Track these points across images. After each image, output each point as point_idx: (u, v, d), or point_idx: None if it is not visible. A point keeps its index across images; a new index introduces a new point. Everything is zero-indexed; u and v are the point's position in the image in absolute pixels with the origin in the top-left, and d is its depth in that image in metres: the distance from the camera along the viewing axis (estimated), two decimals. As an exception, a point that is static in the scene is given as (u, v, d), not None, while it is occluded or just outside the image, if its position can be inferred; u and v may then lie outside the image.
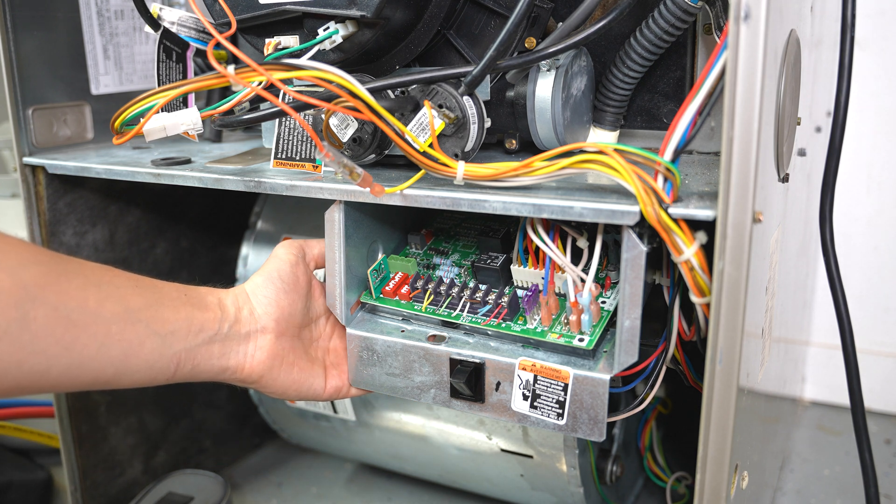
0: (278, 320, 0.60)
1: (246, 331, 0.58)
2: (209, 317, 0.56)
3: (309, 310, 0.64)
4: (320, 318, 0.66)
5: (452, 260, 0.65)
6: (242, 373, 0.58)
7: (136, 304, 0.52)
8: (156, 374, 0.53)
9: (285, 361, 0.60)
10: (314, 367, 0.63)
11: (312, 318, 0.65)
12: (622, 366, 0.52)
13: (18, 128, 0.75)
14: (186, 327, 0.54)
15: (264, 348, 0.59)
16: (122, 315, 0.51)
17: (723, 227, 0.44)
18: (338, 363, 0.65)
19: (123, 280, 0.53)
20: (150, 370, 0.53)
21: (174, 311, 0.54)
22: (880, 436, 0.98)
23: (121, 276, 0.53)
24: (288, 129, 0.62)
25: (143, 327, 0.52)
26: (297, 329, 0.62)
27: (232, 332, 0.57)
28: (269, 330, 0.59)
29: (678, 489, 0.80)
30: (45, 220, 0.77)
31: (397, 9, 0.56)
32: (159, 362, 0.53)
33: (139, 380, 0.53)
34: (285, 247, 0.63)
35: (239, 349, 0.58)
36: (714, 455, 0.47)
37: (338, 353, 0.66)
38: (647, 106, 0.66)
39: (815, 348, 1.05)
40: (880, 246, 1.00)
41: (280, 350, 0.60)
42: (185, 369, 0.55)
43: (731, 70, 0.42)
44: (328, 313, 0.66)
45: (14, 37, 0.73)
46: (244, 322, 0.58)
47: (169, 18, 0.66)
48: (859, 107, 0.96)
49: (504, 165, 0.52)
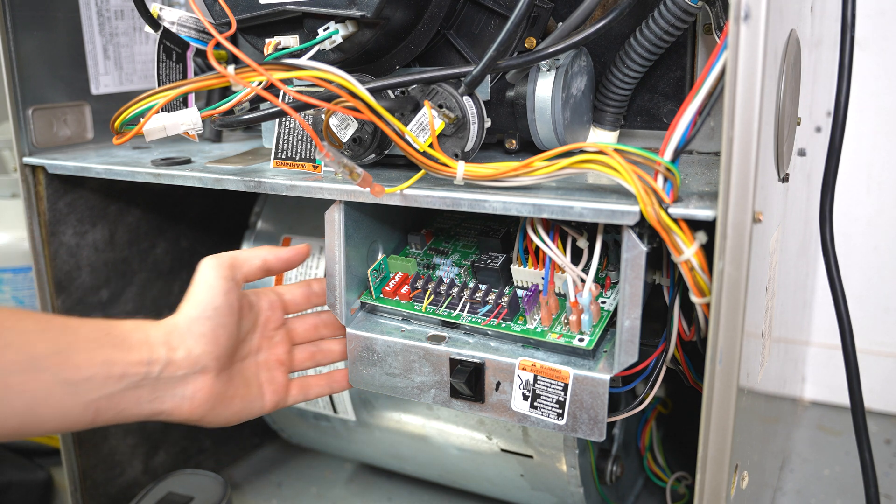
0: (218, 358, 0.56)
1: (183, 374, 0.54)
2: (133, 359, 0.51)
3: (241, 330, 0.59)
4: (250, 334, 0.61)
5: (452, 260, 0.65)
6: (181, 415, 0.55)
7: (42, 350, 0.48)
8: (72, 423, 0.50)
9: (226, 396, 0.57)
10: (252, 390, 0.60)
11: (244, 336, 0.60)
12: (622, 366, 0.52)
13: (18, 128, 0.75)
14: (104, 373, 0.50)
15: (204, 389, 0.55)
16: (24, 364, 0.47)
17: (723, 227, 0.44)
18: (272, 377, 0.62)
19: (30, 324, 0.49)
20: (65, 419, 0.49)
21: (89, 355, 0.50)
22: (880, 436, 0.98)
23: (27, 320, 0.49)
24: (288, 129, 0.62)
25: (50, 376, 0.48)
26: (234, 356, 0.59)
27: (164, 375, 0.53)
28: (209, 370, 0.55)
29: (678, 489, 0.80)
30: (45, 220, 0.77)
31: (397, 9, 0.56)
32: (73, 411, 0.49)
33: (53, 428, 0.49)
34: (214, 270, 0.57)
35: (175, 392, 0.54)
36: (714, 455, 0.47)
37: (269, 365, 0.62)
38: (647, 106, 0.66)
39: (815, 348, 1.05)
40: (880, 246, 1.00)
41: (221, 387, 0.56)
42: (108, 415, 0.51)
43: (731, 70, 0.42)
44: (256, 328, 0.62)
45: (14, 37, 0.73)
46: (180, 364, 0.53)
47: (169, 18, 0.66)
48: (859, 107, 0.96)
49: (504, 165, 0.52)
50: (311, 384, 0.65)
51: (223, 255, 0.58)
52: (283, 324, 0.64)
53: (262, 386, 0.61)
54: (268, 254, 0.60)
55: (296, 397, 0.64)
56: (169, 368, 0.53)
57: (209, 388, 0.55)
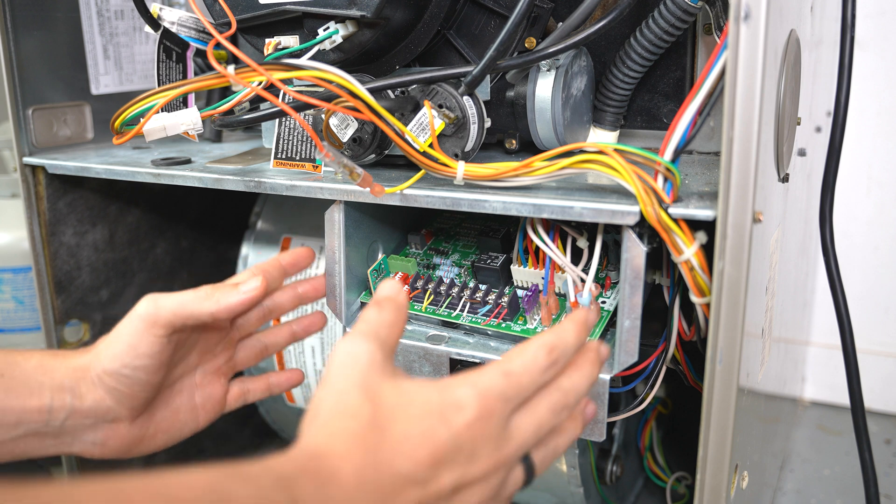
0: (134, 409, 0.51)
1: (91, 422, 0.49)
2: (32, 406, 0.47)
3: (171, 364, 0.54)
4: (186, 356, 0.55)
5: (452, 260, 0.65)
6: (94, 457, 0.51)
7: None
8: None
9: (145, 437, 0.53)
10: (181, 417, 0.55)
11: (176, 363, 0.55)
12: (622, 366, 0.52)
13: (18, 128, 0.75)
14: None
15: (116, 437, 0.51)
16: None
17: (723, 227, 0.44)
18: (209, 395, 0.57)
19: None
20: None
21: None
22: (880, 436, 0.98)
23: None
24: (288, 129, 0.62)
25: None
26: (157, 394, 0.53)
27: (70, 424, 0.49)
28: (121, 419, 0.50)
29: (678, 489, 0.80)
30: (45, 220, 0.77)
31: (397, 9, 0.56)
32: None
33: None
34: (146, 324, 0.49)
35: (83, 438, 0.50)
36: (714, 455, 0.47)
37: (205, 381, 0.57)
38: (647, 106, 0.66)
39: (815, 348, 1.05)
40: (880, 246, 1.00)
41: (137, 431, 0.52)
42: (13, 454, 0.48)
43: (731, 70, 0.42)
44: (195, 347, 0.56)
45: (14, 37, 0.73)
46: (87, 413, 0.49)
47: (169, 18, 0.66)
48: (859, 107, 0.96)
49: (504, 165, 0.52)
50: (250, 389, 0.60)
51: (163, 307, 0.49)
52: (228, 331, 0.58)
53: (196, 410, 0.56)
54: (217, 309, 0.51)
55: (233, 404, 0.59)
56: (74, 417, 0.48)
57: (123, 436, 0.51)
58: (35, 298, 0.79)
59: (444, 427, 0.37)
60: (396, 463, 0.36)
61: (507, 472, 0.41)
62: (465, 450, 0.37)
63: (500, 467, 0.39)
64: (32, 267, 0.77)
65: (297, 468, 0.34)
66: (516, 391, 0.40)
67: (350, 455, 0.35)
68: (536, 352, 0.41)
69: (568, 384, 0.43)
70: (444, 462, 0.37)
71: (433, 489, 0.36)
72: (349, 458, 0.35)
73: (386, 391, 0.38)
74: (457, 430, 0.37)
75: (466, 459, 0.38)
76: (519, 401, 0.40)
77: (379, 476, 0.35)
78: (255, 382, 0.60)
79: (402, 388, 0.39)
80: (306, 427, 0.38)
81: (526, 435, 0.41)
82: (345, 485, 0.34)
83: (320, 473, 0.34)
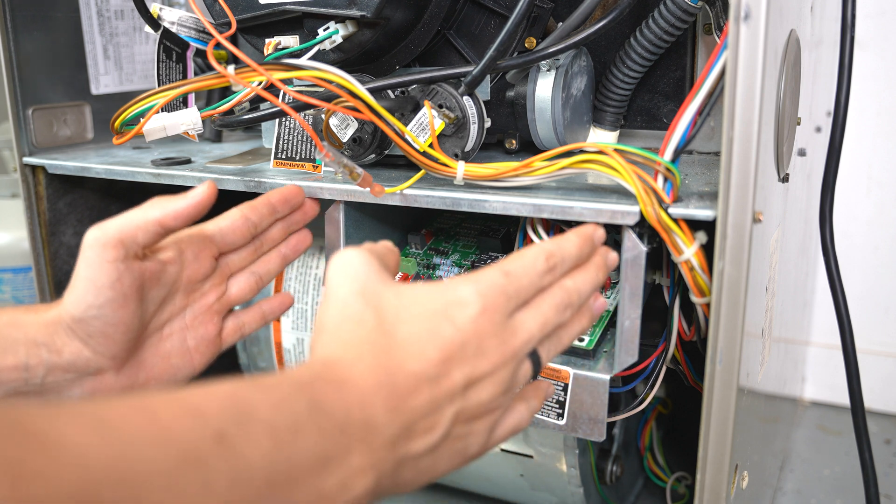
0: (115, 356, 0.48)
1: (73, 377, 0.47)
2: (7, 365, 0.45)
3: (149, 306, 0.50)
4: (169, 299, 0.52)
5: (452, 260, 0.65)
6: None
7: None
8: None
9: (136, 385, 0.50)
10: (174, 362, 0.52)
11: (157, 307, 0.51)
12: (622, 366, 0.52)
13: (18, 128, 0.75)
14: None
15: (104, 388, 0.48)
16: None
17: (723, 227, 0.44)
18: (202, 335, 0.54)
19: None
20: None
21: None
22: (880, 436, 0.98)
23: None
24: (288, 129, 0.62)
25: None
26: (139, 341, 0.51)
27: (51, 380, 0.47)
28: (105, 369, 0.48)
29: (678, 489, 0.80)
30: (45, 220, 0.77)
31: (397, 9, 0.56)
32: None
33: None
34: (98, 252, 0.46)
35: (70, 393, 0.48)
36: (714, 455, 0.47)
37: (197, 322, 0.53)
38: (647, 106, 0.66)
39: (815, 348, 1.05)
40: (880, 246, 1.00)
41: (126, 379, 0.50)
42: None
43: (731, 70, 0.42)
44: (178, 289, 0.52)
45: (14, 37, 0.73)
46: (67, 368, 0.47)
47: (169, 18, 0.66)
48: (859, 107, 0.96)
49: (504, 165, 0.52)
50: (245, 321, 0.57)
51: (109, 228, 0.46)
52: (216, 265, 0.55)
53: (190, 352, 0.53)
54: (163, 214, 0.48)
55: (230, 341, 0.56)
56: (54, 373, 0.46)
57: (110, 387, 0.48)
58: (35, 298, 0.79)
59: (449, 324, 0.38)
60: (407, 363, 0.36)
61: (515, 367, 0.41)
62: (471, 344, 0.38)
63: (508, 361, 0.40)
64: (32, 267, 0.77)
65: (314, 375, 0.35)
66: (516, 289, 0.40)
67: (362, 359, 0.36)
68: (536, 256, 0.42)
69: (571, 284, 0.43)
70: (453, 358, 0.37)
71: (445, 386, 0.37)
72: (361, 362, 0.36)
73: (387, 295, 0.39)
74: (462, 326, 0.38)
75: (474, 354, 0.38)
76: (519, 300, 0.41)
77: (392, 378, 0.36)
78: (248, 314, 0.58)
79: (403, 291, 0.39)
80: (316, 340, 0.38)
81: (531, 331, 0.41)
82: (361, 387, 0.35)
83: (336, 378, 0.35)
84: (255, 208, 0.55)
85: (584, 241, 0.44)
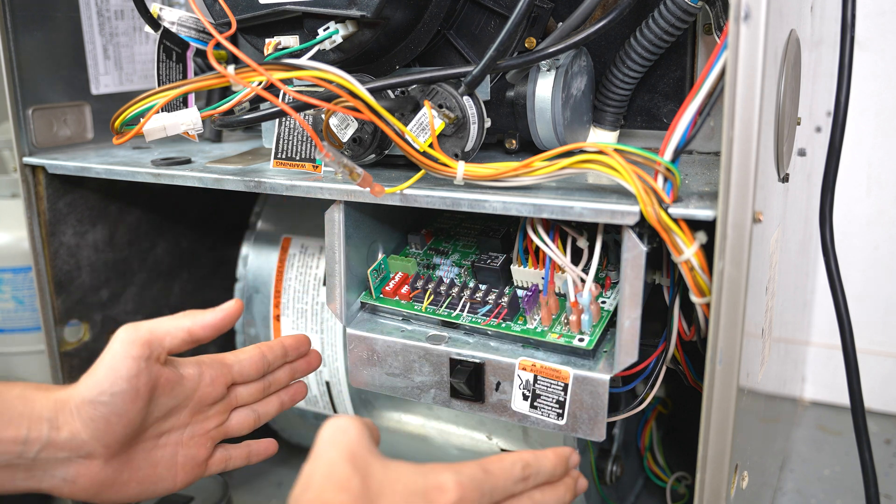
0: (108, 446, 0.50)
1: (64, 456, 0.49)
2: (8, 437, 0.47)
3: (155, 410, 0.53)
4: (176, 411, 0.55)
5: (452, 260, 0.65)
6: (62, 495, 0.50)
7: None
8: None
9: (117, 482, 0.52)
10: (160, 472, 0.54)
11: (163, 415, 0.54)
12: (622, 366, 0.52)
13: (18, 128, 0.75)
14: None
15: (88, 475, 0.50)
16: None
17: (723, 227, 0.44)
18: (192, 455, 0.56)
19: None
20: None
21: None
22: (880, 436, 0.98)
23: None
24: (288, 129, 0.62)
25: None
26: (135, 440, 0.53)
27: (43, 457, 0.48)
28: (95, 456, 0.50)
29: (678, 489, 0.80)
30: (45, 220, 0.77)
31: (397, 9, 0.56)
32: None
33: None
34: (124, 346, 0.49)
35: (54, 473, 0.49)
36: (714, 455, 0.47)
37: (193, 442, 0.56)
38: (647, 106, 0.66)
39: (815, 348, 1.05)
40: (880, 246, 1.00)
41: (111, 473, 0.51)
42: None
43: (731, 70, 0.42)
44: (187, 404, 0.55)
45: (14, 37, 0.73)
46: (62, 446, 0.48)
47: (169, 18, 0.66)
48: (859, 107, 0.96)
49: (504, 165, 0.52)
50: (232, 456, 0.60)
51: (141, 327, 0.50)
52: (225, 395, 0.58)
53: (176, 468, 0.55)
54: (192, 323, 0.52)
55: (214, 470, 0.58)
56: (48, 449, 0.48)
57: (94, 475, 0.50)
58: (35, 298, 0.79)
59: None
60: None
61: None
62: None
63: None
64: (32, 267, 0.77)
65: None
66: (491, 487, 0.44)
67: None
68: (514, 463, 0.47)
69: (539, 497, 0.48)
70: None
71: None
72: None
73: (374, 466, 0.41)
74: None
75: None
76: (492, 499, 0.45)
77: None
78: (237, 450, 0.61)
79: (389, 466, 0.42)
80: (300, 496, 0.40)
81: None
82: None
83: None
84: (272, 348, 0.59)
85: (559, 460, 0.49)
